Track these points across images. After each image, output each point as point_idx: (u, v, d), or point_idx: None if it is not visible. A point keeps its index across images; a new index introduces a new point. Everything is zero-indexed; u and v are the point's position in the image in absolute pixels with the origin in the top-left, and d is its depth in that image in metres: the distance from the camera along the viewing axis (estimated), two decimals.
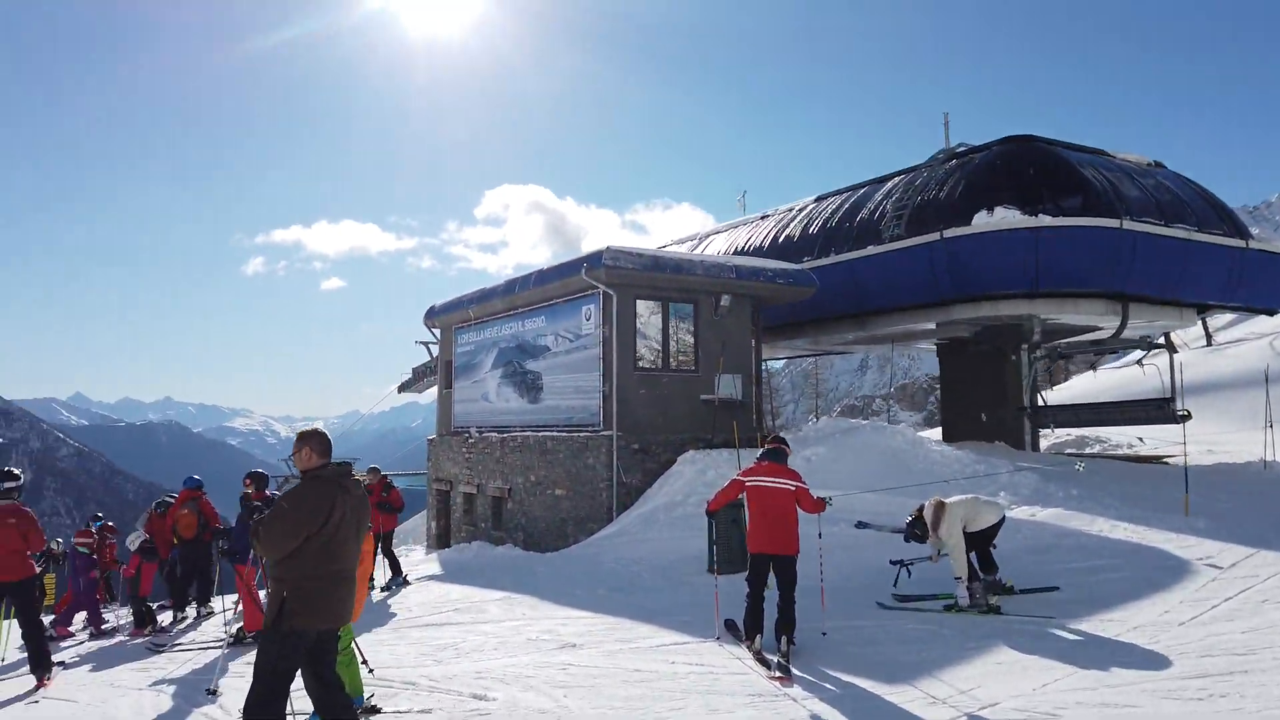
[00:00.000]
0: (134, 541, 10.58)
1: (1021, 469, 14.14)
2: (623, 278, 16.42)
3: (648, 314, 17.05)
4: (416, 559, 18.38)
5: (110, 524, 12.45)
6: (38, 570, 8.13)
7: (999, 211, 17.30)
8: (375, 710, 6.33)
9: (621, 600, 9.95)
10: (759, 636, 7.32)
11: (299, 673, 4.84)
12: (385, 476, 13.38)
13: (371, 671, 7.24)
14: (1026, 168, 17.76)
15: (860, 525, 12.35)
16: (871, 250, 19.44)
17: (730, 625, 8.09)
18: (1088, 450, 23.70)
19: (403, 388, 39.95)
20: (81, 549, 10.91)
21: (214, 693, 7.05)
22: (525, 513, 18.44)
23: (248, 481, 9.75)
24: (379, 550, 13.10)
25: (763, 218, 24.82)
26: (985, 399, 20.81)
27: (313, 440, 4.96)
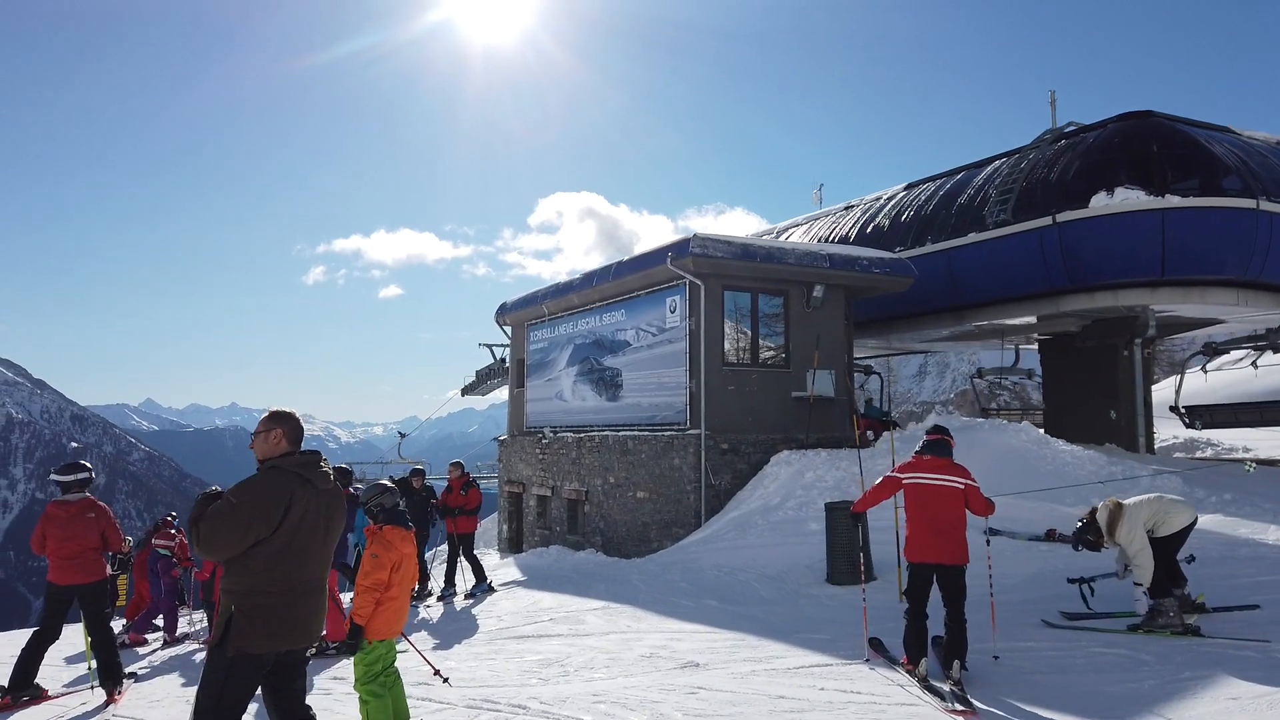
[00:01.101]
0: None
1: (1164, 472, 12.75)
2: (711, 267, 15.43)
3: (735, 306, 16.04)
4: (492, 563, 17.58)
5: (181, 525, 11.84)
6: (110, 572, 7.41)
7: (1120, 192, 15.88)
8: None
9: (736, 613, 8.94)
10: (924, 660, 6.24)
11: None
12: (467, 474, 12.53)
13: (446, 681, 6.48)
14: (1148, 145, 16.28)
15: (990, 533, 11.17)
16: (973, 237, 18.14)
17: (876, 645, 7.03)
18: (1199, 454, 21.99)
19: (466, 390, 39.50)
20: (163, 550, 10.22)
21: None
22: (604, 516, 17.53)
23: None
24: (460, 553, 12.28)
25: (846, 208, 23.61)
26: (1094, 397, 19.32)
27: (286, 423, 4.04)
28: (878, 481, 6.73)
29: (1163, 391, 24.41)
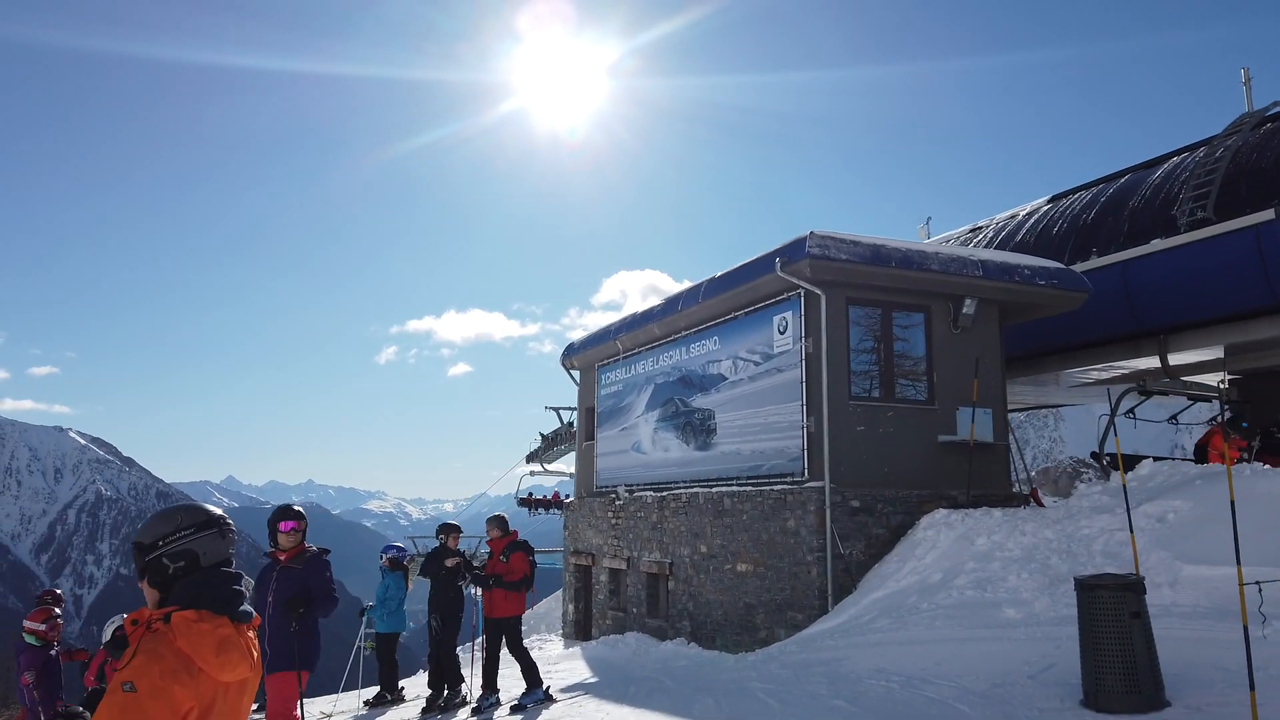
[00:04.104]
0: (108, 630, 6.52)
1: None
2: (833, 273, 12.06)
3: (864, 324, 12.60)
4: (552, 654, 14.05)
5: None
6: None
7: None
8: None
9: None
10: None
11: None
12: (513, 533, 9.09)
13: None
14: None
15: None
16: (1158, 245, 14.37)
17: None
18: None
19: (531, 457, 36.49)
20: (29, 638, 6.93)
21: None
22: (693, 595, 13.90)
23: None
24: (504, 644, 8.80)
25: (974, 230, 20.04)
26: None
27: None
28: None
29: None
